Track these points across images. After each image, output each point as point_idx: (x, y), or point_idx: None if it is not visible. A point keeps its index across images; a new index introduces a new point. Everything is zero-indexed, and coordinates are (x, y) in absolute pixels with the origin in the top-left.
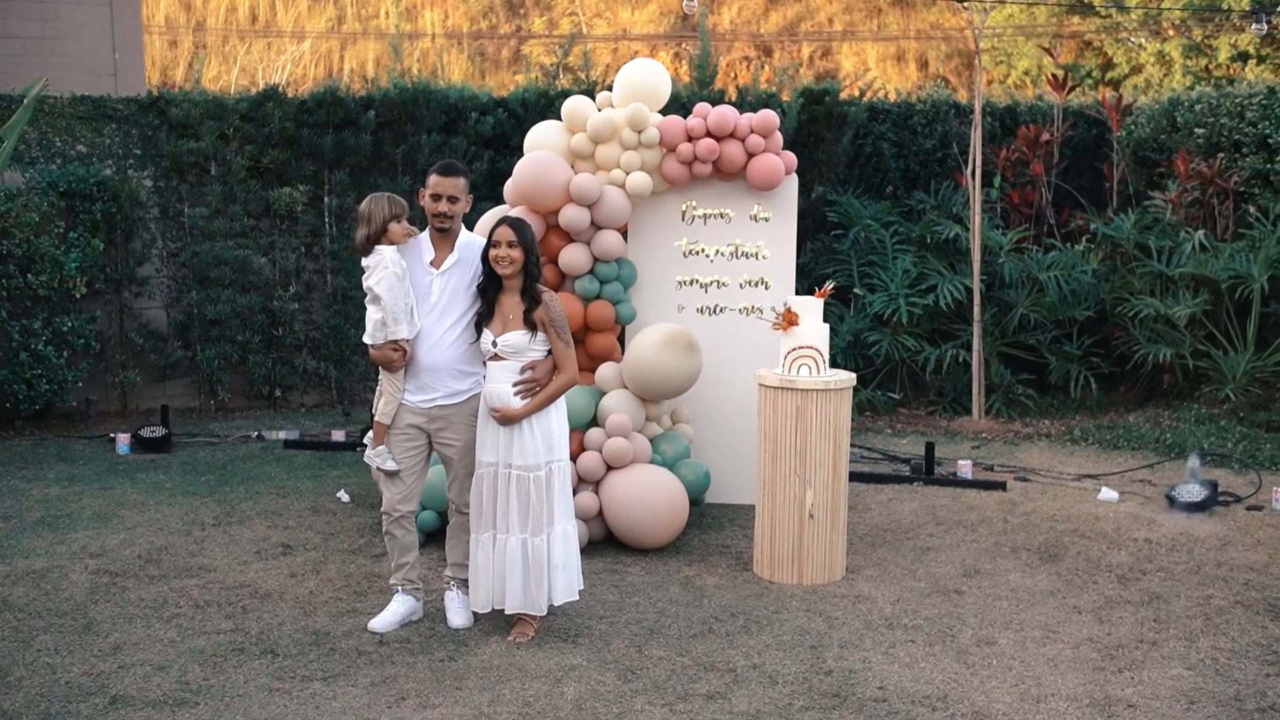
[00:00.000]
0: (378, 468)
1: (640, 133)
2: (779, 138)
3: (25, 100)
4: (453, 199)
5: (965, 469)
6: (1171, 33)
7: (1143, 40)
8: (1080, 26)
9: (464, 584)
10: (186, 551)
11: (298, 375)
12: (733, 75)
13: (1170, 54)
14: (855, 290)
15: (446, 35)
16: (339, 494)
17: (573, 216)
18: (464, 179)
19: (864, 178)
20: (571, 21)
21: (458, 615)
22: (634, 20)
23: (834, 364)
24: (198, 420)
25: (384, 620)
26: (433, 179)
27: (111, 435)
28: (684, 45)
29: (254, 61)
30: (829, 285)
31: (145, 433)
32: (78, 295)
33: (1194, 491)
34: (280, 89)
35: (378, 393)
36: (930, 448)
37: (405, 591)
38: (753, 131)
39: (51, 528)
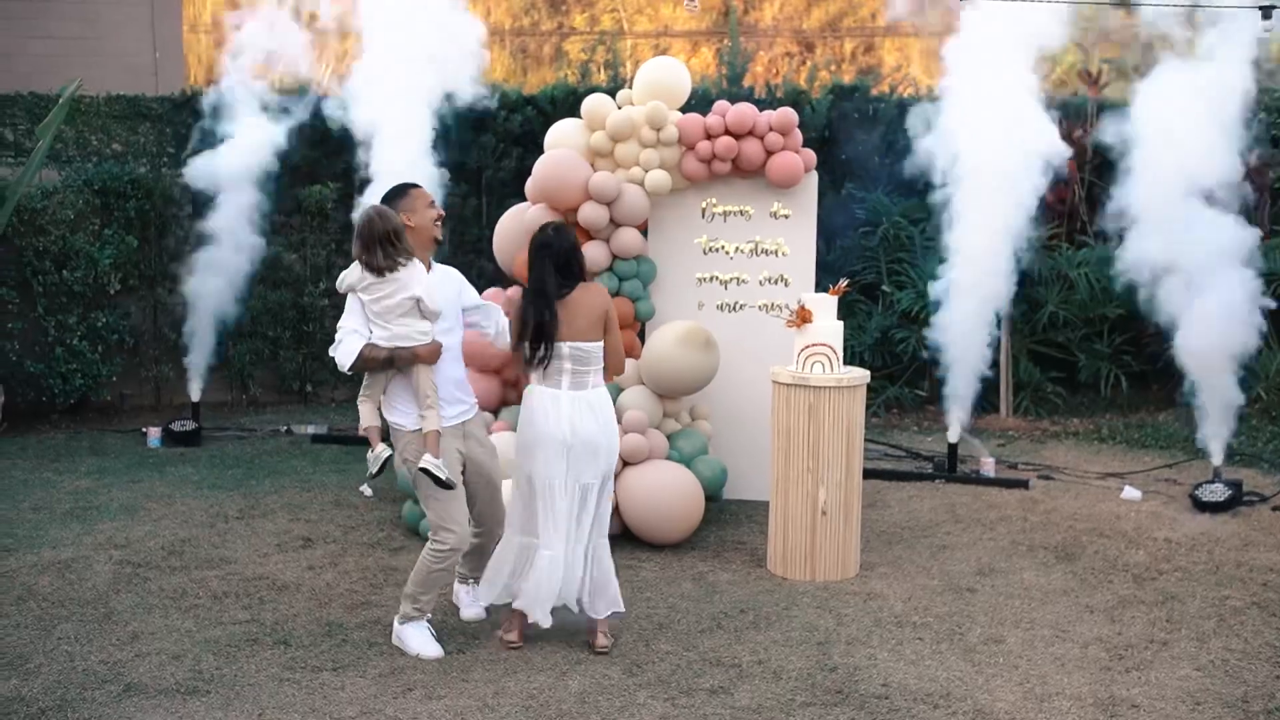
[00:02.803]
0: (445, 479)
1: (659, 131)
2: (798, 135)
3: (60, 100)
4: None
5: (988, 467)
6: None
7: (1190, 34)
8: (1126, 21)
9: (478, 580)
10: (209, 543)
11: (328, 371)
12: (774, 71)
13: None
14: (884, 287)
15: (489, 32)
16: (361, 488)
17: (592, 214)
18: None
19: (894, 174)
20: (613, 18)
21: (470, 608)
22: (675, 16)
23: (861, 361)
24: (229, 415)
25: (434, 646)
26: (424, 193)
27: (143, 429)
28: (725, 42)
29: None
30: (843, 282)
31: (176, 427)
32: (112, 291)
33: (1218, 491)
34: (310, 86)
35: (425, 403)
36: (953, 445)
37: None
38: (771, 129)
39: (80, 519)
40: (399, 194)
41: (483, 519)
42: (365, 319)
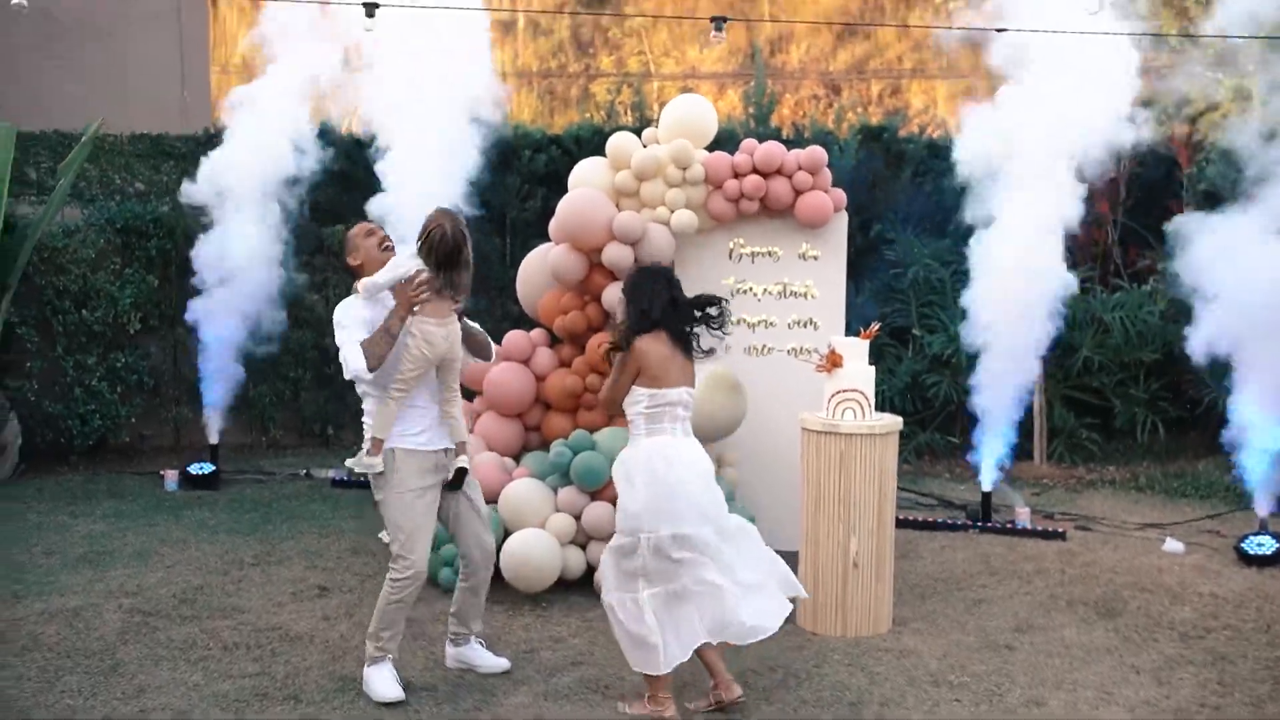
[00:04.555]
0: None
1: (685, 169)
2: (828, 174)
3: (83, 138)
4: None
5: (1023, 517)
6: (1251, 67)
7: (1220, 75)
8: (1154, 61)
9: (476, 637)
10: (222, 591)
11: (349, 413)
12: (801, 113)
13: (1249, 89)
14: (914, 331)
15: (517, 75)
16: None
17: (616, 255)
18: None
19: (924, 216)
20: (640, 60)
21: (498, 659)
22: (702, 59)
23: (891, 406)
24: (249, 457)
25: (394, 690)
26: (361, 228)
27: (161, 472)
28: (752, 84)
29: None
30: (874, 326)
31: (193, 470)
32: (132, 331)
33: (1265, 543)
34: (334, 125)
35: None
36: (987, 494)
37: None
38: (800, 168)
39: (92, 565)
40: (344, 244)
41: (471, 558)
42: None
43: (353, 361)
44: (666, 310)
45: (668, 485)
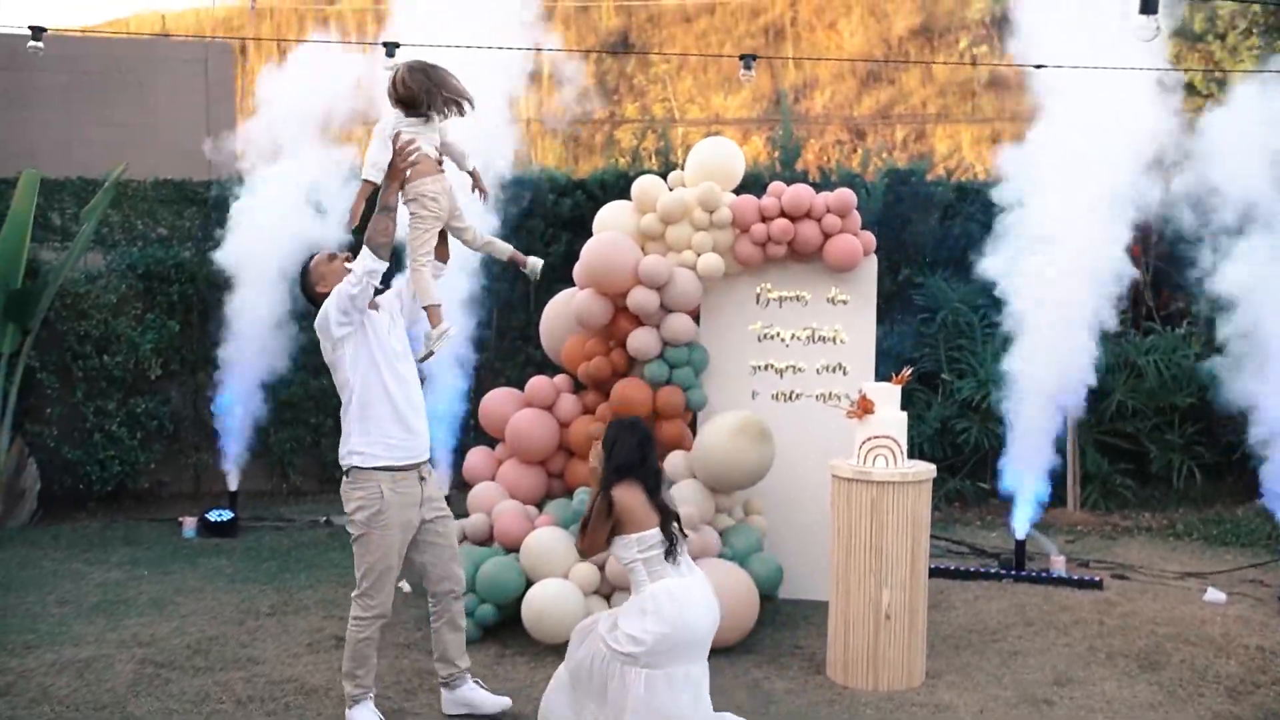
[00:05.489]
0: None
1: (712, 213)
2: (857, 217)
3: (106, 184)
4: None
5: (1058, 565)
6: None
7: None
8: (1184, 106)
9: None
10: (237, 642)
11: None
12: (825, 158)
13: None
14: (943, 376)
15: (541, 120)
16: (399, 583)
17: (642, 299)
18: None
19: (953, 259)
20: (664, 107)
21: (498, 697)
22: (726, 105)
23: (921, 453)
24: (268, 503)
25: None
26: (319, 259)
27: (179, 519)
28: (777, 129)
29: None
30: (907, 371)
31: (212, 517)
32: (152, 377)
33: None
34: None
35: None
36: (1020, 542)
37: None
38: (829, 211)
39: (106, 614)
40: (304, 274)
41: (440, 592)
42: None
43: (361, 263)
44: (636, 466)
45: (676, 628)
